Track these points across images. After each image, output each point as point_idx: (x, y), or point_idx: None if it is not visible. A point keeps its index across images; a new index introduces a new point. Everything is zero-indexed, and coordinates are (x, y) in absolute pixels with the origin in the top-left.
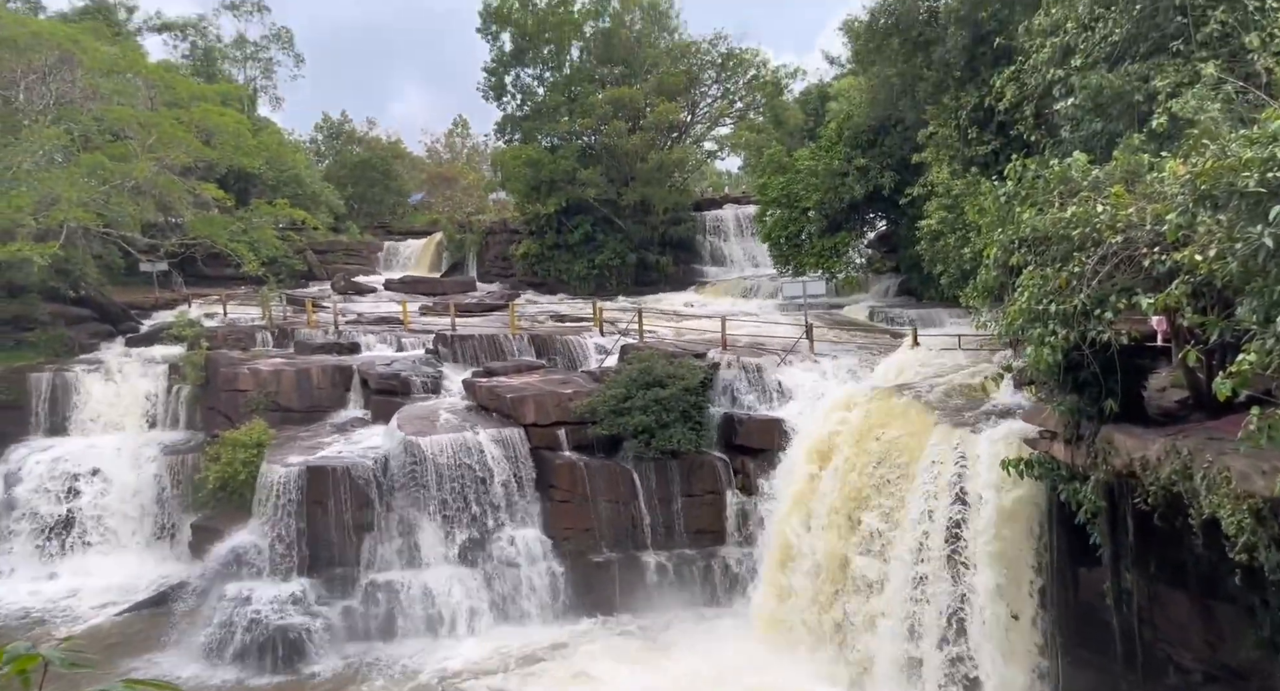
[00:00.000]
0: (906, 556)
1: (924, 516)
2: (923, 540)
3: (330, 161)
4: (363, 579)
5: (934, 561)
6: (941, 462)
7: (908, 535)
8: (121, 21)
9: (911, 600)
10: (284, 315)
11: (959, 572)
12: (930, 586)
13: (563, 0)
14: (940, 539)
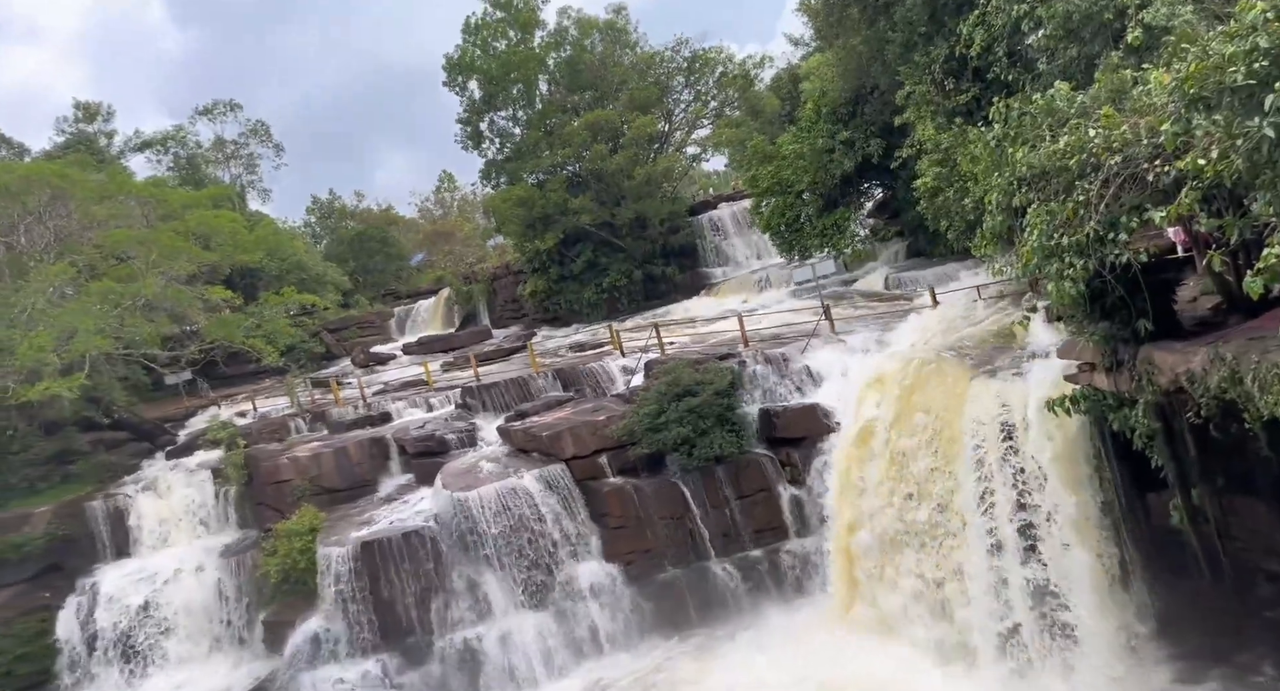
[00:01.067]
0: (970, 515)
1: (979, 472)
2: (984, 495)
3: (328, 240)
4: (438, 642)
5: (1000, 515)
6: (984, 416)
7: (967, 494)
8: (104, 148)
9: (984, 555)
10: (311, 399)
11: (1027, 522)
12: (1000, 540)
13: (522, 38)
14: (1002, 492)
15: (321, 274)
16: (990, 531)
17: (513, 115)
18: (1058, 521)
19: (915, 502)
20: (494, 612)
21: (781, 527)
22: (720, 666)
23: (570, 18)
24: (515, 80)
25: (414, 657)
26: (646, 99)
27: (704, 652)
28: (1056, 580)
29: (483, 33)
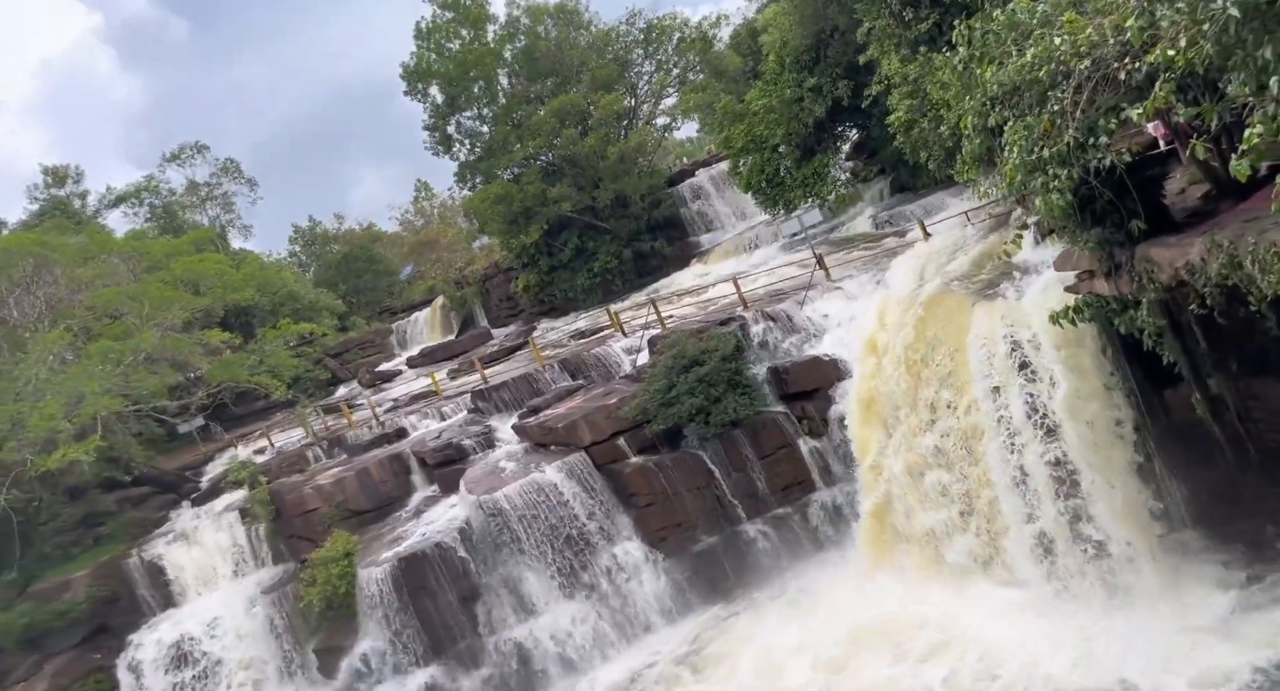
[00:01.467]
0: (991, 437)
1: (994, 395)
2: (1001, 416)
3: (315, 267)
4: (488, 644)
5: (1020, 432)
6: (991, 339)
7: (985, 417)
8: (79, 210)
9: (1008, 474)
10: (325, 426)
11: (1049, 439)
12: (1023, 456)
13: (475, 35)
14: (1019, 413)
15: (314, 301)
16: (1012, 449)
17: (478, 114)
18: (1077, 431)
19: (934, 432)
20: (538, 607)
21: (807, 481)
22: (764, 627)
23: (520, 7)
24: (475, 78)
25: (467, 663)
26: (608, 77)
27: (747, 615)
28: (1085, 489)
29: (435, 36)
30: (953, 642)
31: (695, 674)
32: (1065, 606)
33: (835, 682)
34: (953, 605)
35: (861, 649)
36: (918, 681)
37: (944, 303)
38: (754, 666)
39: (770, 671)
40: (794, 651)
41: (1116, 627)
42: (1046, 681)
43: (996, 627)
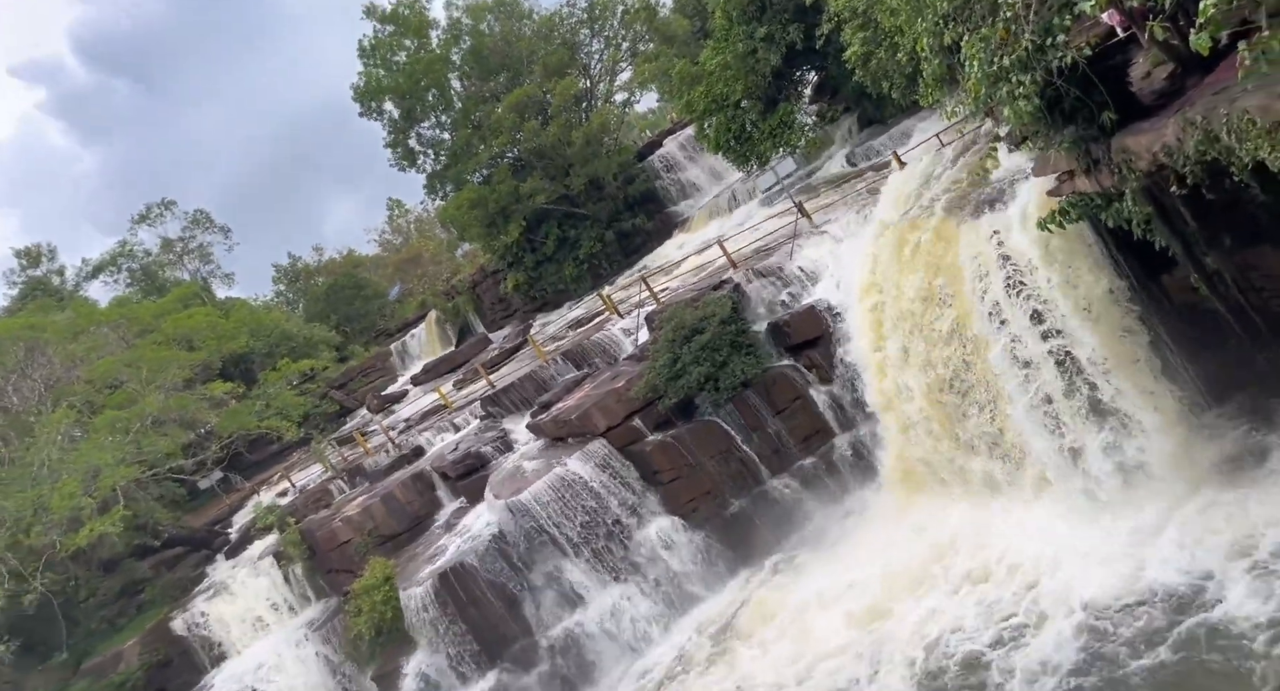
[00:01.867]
0: (999, 355)
1: (993, 310)
2: (1004, 330)
3: (304, 303)
4: (541, 641)
5: (1026, 344)
6: (982, 255)
7: (989, 334)
8: (60, 287)
9: (1021, 386)
10: (342, 458)
11: (1053, 343)
12: (1032, 365)
13: (420, 44)
14: (1020, 322)
15: (309, 337)
16: (1018, 360)
17: (436, 122)
18: (1081, 330)
19: (943, 356)
20: (584, 597)
21: (825, 428)
22: (805, 578)
23: (460, 8)
24: (426, 87)
25: (524, 663)
26: (559, 62)
27: (787, 569)
28: (1098, 386)
29: (380, 52)
30: (989, 567)
31: (743, 639)
32: (1093, 509)
33: (879, 632)
34: (983, 527)
35: (900, 590)
36: (961, 612)
37: (930, 227)
38: (798, 624)
39: (814, 628)
40: (836, 600)
41: (1145, 518)
42: (1087, 586)
43: (1029, 543)
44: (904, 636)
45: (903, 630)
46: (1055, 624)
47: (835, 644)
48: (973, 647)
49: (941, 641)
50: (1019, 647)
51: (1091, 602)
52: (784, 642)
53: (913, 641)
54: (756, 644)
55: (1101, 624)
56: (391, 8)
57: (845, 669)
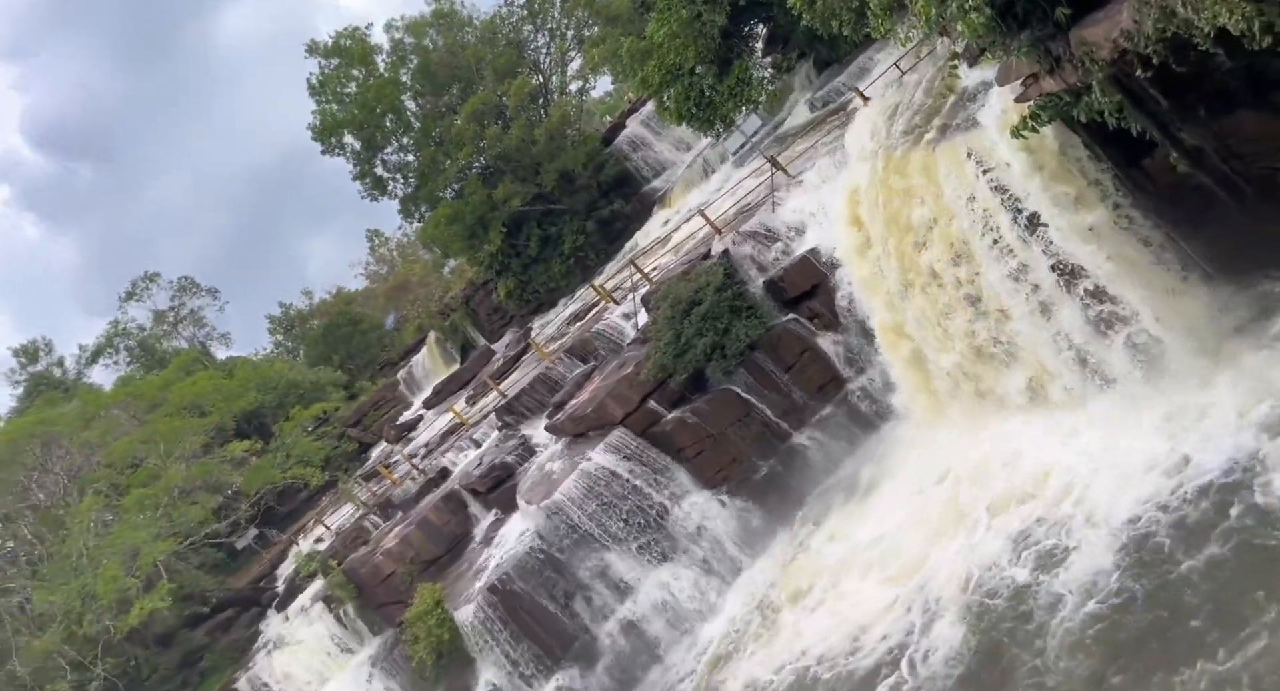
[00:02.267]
0: (995, 270)
1: (982, 226)
2: (996, 244)
3: (304, 349)
4: (600, 634)
5: (1019, 253)
6: (962, 173)
7: (982, 250)
8: (61, 378)
9: (1023, 301)
10: (371, 493)
11: (1047, 247)
12: (1031, 276)
13: (367, 72)
14: (1011, 233)
15: (316, 381)
16: (1014, 271)
17: (399, 145)
18: (1073, 229)
19: (941, 281)
20: (633, 585)
21: (838, 376)
22: (849, 524)
23: (399, 28)
24: (382, 113)
25: (587, 659)
26: (508, 63)
27: (829, 519)
28: (1100, 282)
29: (329, 87)
30: (1021, 490)
31: (790, 606)
32: (1119, 408)
33: (921, 581)
34: (1009, 449)
35: (934, 532)
36: (998, 544)
37: (905, 156)
38: (841, 585)
39: (857, 587)
40: (876, 554)
41: (1174, 405)
42: (1125, 491)
43: (1058, 457)
44: (947, 581)
45: (944, 575)
46: (1098, 535)
47: (881, 602)
48: (1018, 578)
49: (986, 577)
50: (1065, 568)
51: (1132, 506)
52: (829, 605)
53: (957, 584)
54: (803, 609)
55: (1146, 527)
56: (333, 41)
57: (896, 625)
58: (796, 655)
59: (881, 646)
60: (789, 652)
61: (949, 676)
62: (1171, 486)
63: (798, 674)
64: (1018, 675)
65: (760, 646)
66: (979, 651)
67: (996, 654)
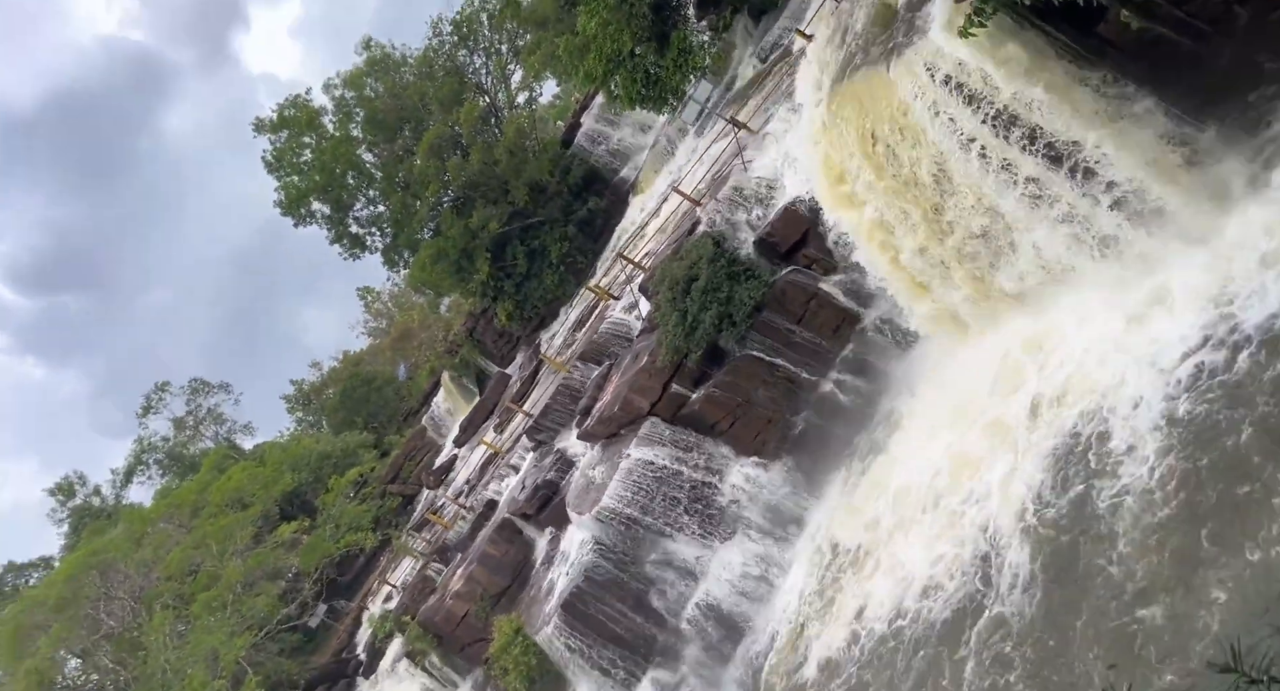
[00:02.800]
0: (974, 168)
1: (952, 131)
2: (971, 145)
3: (325, 419)
4: (681, 625)
5: (996, 149)
6: (920, 86)
7: (957, 153)
8: (101, 506)
9: (1013, 191)
10: (426, 542)
11: (1021, 133)
12: (1014, 166)
13: (318, 135)
14: (984, 131)
15: (345, 447)
16: (993, 164)
17: (366, 199)
18: (1044, 110)
19: (922, 197)
20: (701, 568)
21: (849, 314)
22: (894, 452)
23: (336, 86)
24: (343, 172)
25: (675, 650)
26: (452, 92)
27: (874, 453)
28: (1084, 155)
29: (285, 159)
30: (1054, 389)
31: (852, 558)
32: (1131, 280)
33: (976, 509)
34: (1033, 347)
35: (976, 455)
36: (1047, 449)
37: (861, 83)
38: (899, 528)
39: (915, 527)
40: (926, 490)
41: (1189, 269)
42: (1160, 366)
43: (1082, 343)
44: (1003, 506)
45: (998, 499)
46: (1144, 418)
47: (944, 540)
48: (1072, 486)
49: (1040, 494)
50: (1119, 462)
51: (1170, 382)
52: (893, 552)
53: (1013, 509)
54: (868, 559)
55: (1191, 399)
56: (277, 114)
57: (965, 564)
58: (872, 608)
59: (956, 587)
60: (862, 607)
61: (1030, 603)
62: (1207, 352)
63: (880, 629)
64: (1096, 584)
65: (832, 604)
66: (1052, 571)
67: (1070, 569)
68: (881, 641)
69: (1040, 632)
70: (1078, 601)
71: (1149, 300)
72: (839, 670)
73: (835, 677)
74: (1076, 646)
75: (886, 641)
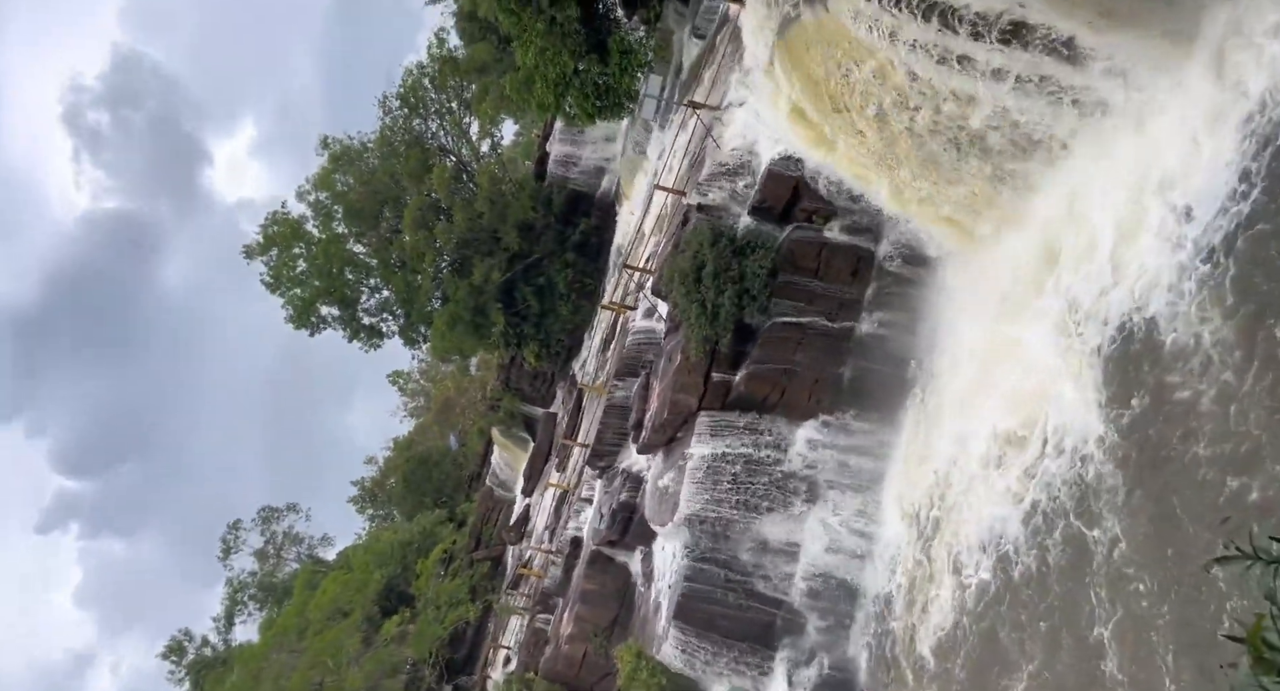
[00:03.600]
0: (927, 67)
1: (893, 43)
2: (932, 55)
3: (395, 509)
4: (794, 601)
5: (958, 49)
6: (862, 14)
7: (928, 70)
8: (213, 655)
9: (987, 83)
10: (525, 598)
11: (980, 34)
12: (987, 62)
13: (304, 243)
14: (943, 37)
15: (423, 529)
16: (962, 62)
17: (369, 288)
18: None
19: (900, 119)
20: (794, 542)
21: (863, 253)
22: (953, 386)
23: (308, 189)
24: (339, 271)
25: (795, 629)
26: (418, 162)
27: (934, 388)
28: (1055, 33)
29: (281, 274)
30: (1082, 250)
31: (941, 483)
32: (1118, 140)
33: (1041, 405)
34: (1049, 223)
35: (1031, 346)
36: (1098, 317)
37: (804, 29)
38: (972, 442)
39: (991, 447)
40: (986, 396)
41: (1180, 109)
42: (1175, 196)
43: (1097, 203)
44: (1073, 400)
45: (1068, 397)
46: (1175, 249)
47: (1023, 450)
48: (1132, 323)
49: (1100, 369)
50: (1156, 295)
51: (1191, 202)
52: (978, 474)
53: (1080, 399)
54: (956, 488)
55: (1219, 216)
56: (262, 235)
57: (1050, 466)
58: (977, 534)
59: (1045, 487)
60: (964, 535)
61: (1122, 466)
62: (1224, 175)
63: (990, 558)
64: (1185, 465)
65: (937, 540)
66: (1127, 422)
67: (1156, 455)
68: (1001, 562)
69: (1142, 526)
70: (1171, 485)
71: (1143, 153)
72: (965, 608)
73: (963, 615)
74: (1183, 528)
75: (1004, 563)
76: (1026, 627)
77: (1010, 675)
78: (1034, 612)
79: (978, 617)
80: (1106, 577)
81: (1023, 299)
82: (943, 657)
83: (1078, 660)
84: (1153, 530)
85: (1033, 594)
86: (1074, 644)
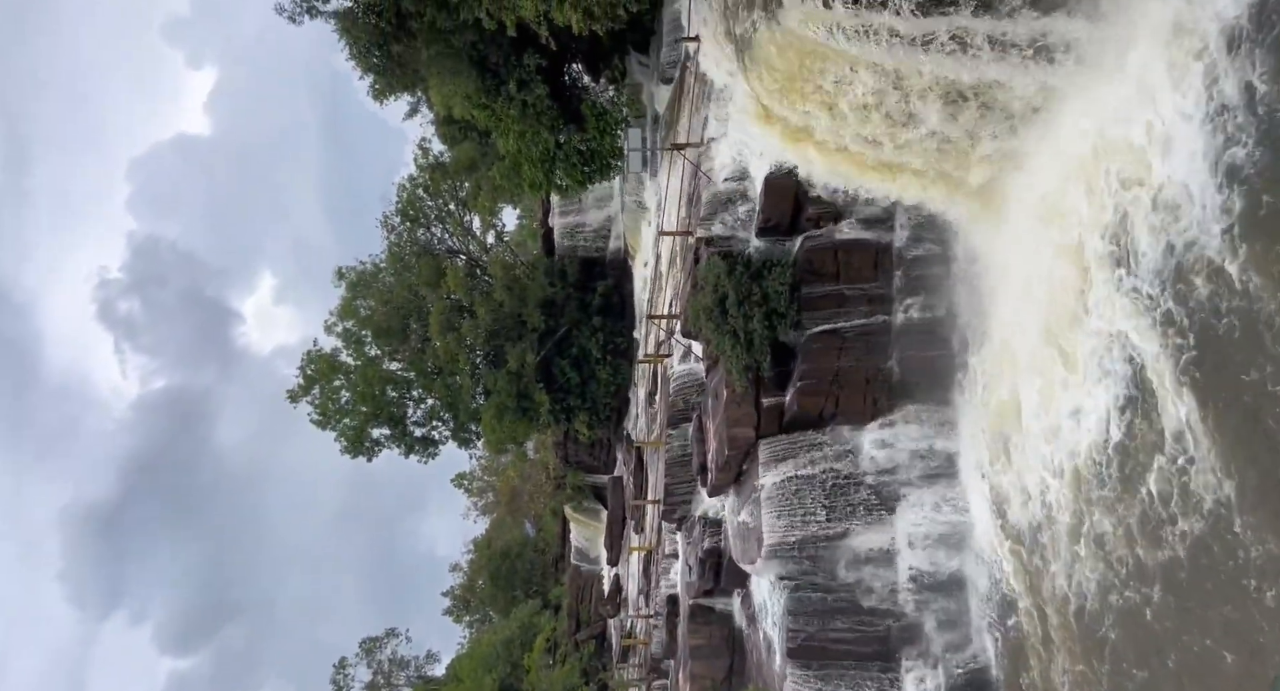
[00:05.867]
0: (911, 61)
1: (868, 40)
2: (890, 42)
3: (489, 609)
4: (902, 608)
5: (920, 28)
6: (811, 21)
7: (886, 56)
8: None
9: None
10: (637, 668)
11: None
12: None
13: (343, 374)
14: (893, 23)
15: (521, 623)
16: (925, 41)
17: (413, 400)
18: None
19: (875, 105)
20: (889, 547)
21: (881, 244)
22: (1003, 354)
23: (334, 321)
24: (380, 392)
25: (912, 635)
26: (430, 269)
27: (983, 357)
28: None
29: (327, 409)
30: (1097, 180)
31: (1012, 451)
32: (1100, 73)
33: (1077, 335)
34: (1049, 169)
35: (1066, 299)
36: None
37: (763, 47)
38: (1034, 402)
39: (1054, 401)
40: (1036, 358)
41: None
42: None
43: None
44: (1098, 333)
45: (1119, 319)
46: (1191, 161)
47: (1089, 396)
48: (1160, 263)
49: (1122, 277)
50: (1181, 216)
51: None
52: (1046, 430)
53: (1125, 341)
54: (1027, 452)
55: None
56: (301, 376)
57: (1117, 398)
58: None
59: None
60: (1050, 500)
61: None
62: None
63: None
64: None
65: (1024, 510)
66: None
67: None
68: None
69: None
70: (1241, 393)
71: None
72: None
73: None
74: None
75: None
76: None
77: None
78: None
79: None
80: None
81: (1053, 262)
82: (1082, 625)
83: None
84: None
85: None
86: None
